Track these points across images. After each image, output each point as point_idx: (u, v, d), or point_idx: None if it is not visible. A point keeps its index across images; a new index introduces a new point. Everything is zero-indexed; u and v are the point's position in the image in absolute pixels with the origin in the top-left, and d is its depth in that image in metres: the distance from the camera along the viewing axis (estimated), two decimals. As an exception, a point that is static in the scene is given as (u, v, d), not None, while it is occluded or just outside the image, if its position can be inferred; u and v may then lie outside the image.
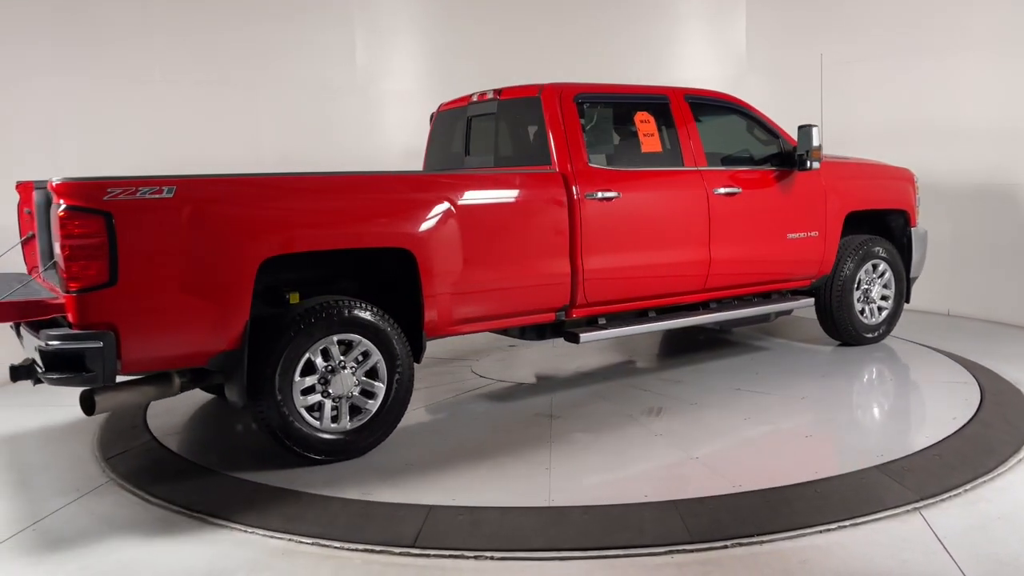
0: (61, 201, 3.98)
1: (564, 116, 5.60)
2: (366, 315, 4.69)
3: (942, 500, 3.97)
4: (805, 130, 6.26)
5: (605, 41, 10.31)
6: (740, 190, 6.18)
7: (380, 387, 4.79)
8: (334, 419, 4.69)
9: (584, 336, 5.61)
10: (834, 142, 9.16)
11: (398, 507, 4.07)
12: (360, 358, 4.73)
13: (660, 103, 6.10)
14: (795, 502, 3.99)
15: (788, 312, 6.97)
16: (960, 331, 7.66)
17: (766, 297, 6.72)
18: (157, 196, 4.10)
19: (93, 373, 4.02)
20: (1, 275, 4.93)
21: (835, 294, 6.88)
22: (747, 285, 6.50)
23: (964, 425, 4.97)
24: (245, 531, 3.91)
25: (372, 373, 4.78)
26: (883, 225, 7.28)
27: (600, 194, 5.54)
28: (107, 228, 3.98)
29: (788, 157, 6.45)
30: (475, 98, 6.29)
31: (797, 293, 6.89)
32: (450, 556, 3.60)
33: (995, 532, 3.64)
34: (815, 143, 6.23)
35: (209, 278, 4.27)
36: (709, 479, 4.30)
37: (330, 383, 4.64)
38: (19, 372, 4.51)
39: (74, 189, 4.01)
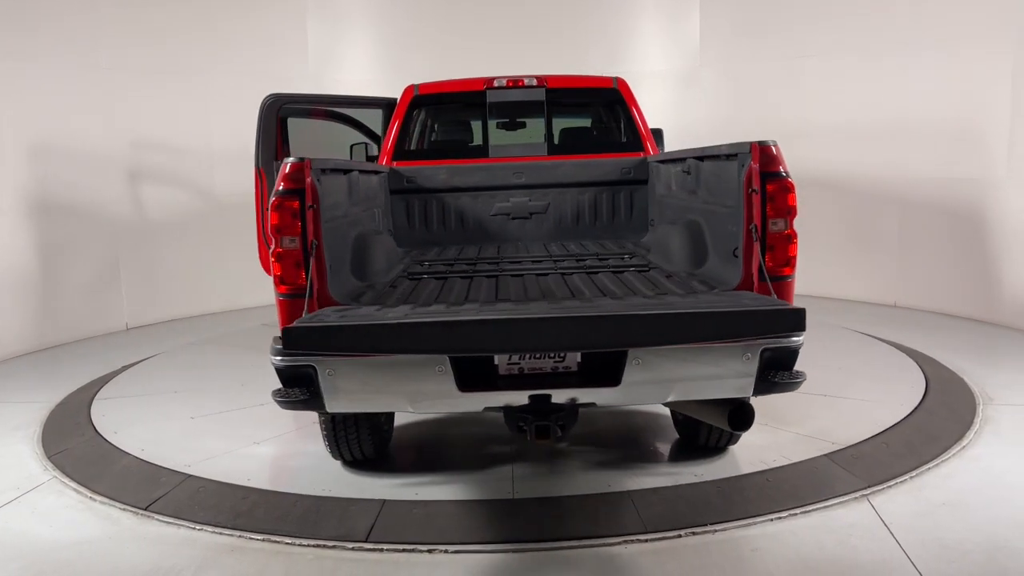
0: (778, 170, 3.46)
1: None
2: None
3: (889, 487, 4.05)
4: (656, 132, 6.85)
5: (559, 33, 10.31)
6: None
7: None
8: None
9: None
10: (788, 137, 9.29)
11: (351, 502, 4.02)
12: None
13: None
14: (747, 491, 4.03)
15: None
16: (906, 322, 7.83)
17: None
18: None
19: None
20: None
21: None
22: None
23: (910, 414, 5.08)
24: (192, 528, 3.82)
25: None
26: None
27: None
28: None
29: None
30: (500, 83, 6.03)
31: None
32: (403, 551, 3.56)
33: (940, 518, 3.72)
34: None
35: None
36: (664, 470, 4.32)
37: None
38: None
39: (776, 152, 3.50)
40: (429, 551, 3.55)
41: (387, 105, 6.83)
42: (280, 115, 6.57)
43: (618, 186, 5.91)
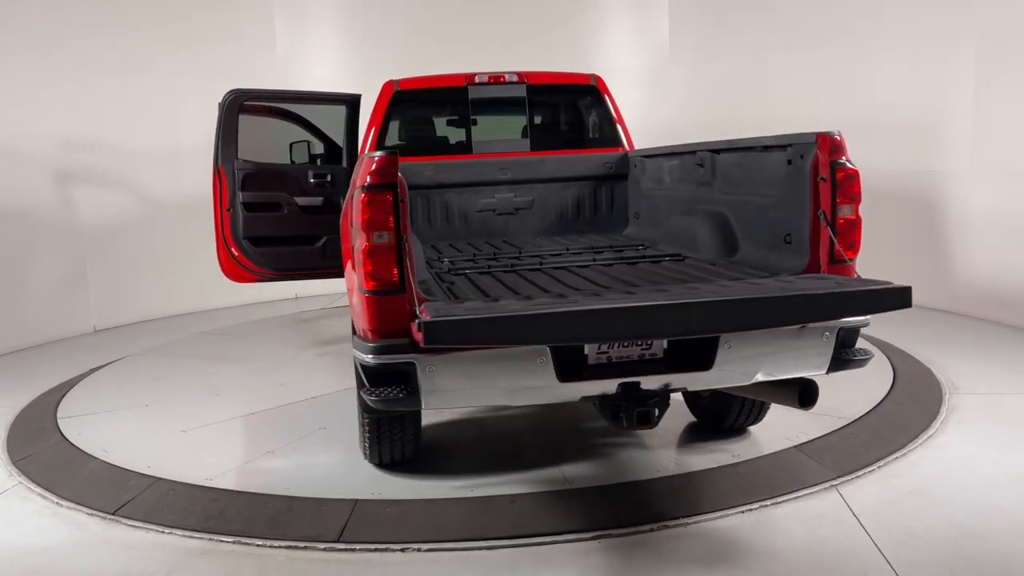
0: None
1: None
2: None
3: (857, 477, 4.10)
4: None
5: (528, 28, 10.31)
6: None
7: None
8: None
9: None
10: (754, 131, 9.35)
11: (322, 502, 3.99)
12: None
13: None
14: (720, 484, 4.06)
15: None
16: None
17: None
18: None
19: None
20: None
21: None
22: None
23: (878, 404, 5.14)
24: (161, 532, 3.78)
25: None
26: None
27: None
28: None
29: None
30: (482, 79, 6.01)
31: None
32: (376, 550, 3.55)
33: (907, 506, 3.77)
34: None
35: None
36: (637, 464, 4.34)
37: None
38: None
39: (841, 141, 3.89)
40: (402, 550, 3.54)
41: (351, 101, 6.76)
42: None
43: (600, 181, 5.97)
